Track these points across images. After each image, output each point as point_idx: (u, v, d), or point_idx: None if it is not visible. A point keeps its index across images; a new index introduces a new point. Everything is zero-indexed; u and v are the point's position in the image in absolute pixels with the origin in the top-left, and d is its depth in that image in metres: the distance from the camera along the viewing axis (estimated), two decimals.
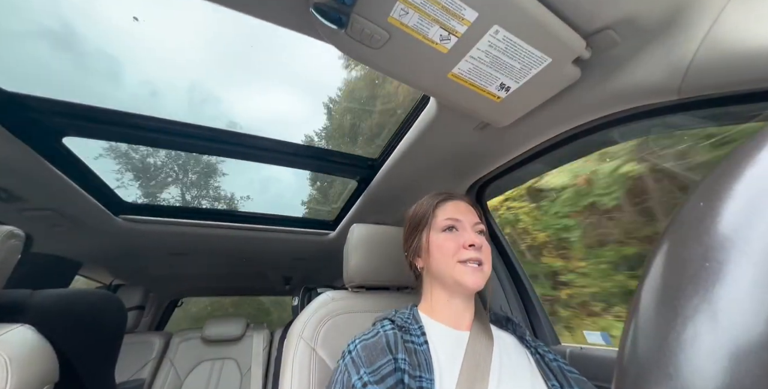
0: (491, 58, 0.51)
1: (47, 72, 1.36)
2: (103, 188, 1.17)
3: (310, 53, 1.72)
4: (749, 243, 0.13)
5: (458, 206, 0.65)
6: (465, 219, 0.62)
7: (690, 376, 0.12)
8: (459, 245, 0.59)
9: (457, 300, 0.61)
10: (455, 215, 0.62)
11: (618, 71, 0.55)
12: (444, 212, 0.63)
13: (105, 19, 1.69)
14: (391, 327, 0.56)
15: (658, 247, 0.17)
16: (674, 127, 0.65)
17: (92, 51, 1.85)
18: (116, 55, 1.85)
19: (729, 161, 0.17)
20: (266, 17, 0.52)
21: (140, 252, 1.65)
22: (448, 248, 0.59)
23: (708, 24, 0.43)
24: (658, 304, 0.15)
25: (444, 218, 0.63)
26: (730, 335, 0.12)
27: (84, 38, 1.78)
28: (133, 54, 1.85)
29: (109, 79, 1.71)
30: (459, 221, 0.62)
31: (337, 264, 0.84)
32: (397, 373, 0.47)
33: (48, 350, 0.65)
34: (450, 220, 0.62)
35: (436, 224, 0.63)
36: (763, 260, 0.13)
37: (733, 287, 0.13)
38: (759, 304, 0.12)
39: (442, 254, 0.60)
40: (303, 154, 1.09)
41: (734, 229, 0.14)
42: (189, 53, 2.38)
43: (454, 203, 0.66)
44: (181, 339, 2.00)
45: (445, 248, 0.60)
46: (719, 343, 0.12)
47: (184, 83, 2.23)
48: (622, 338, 0.16)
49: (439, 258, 0.60)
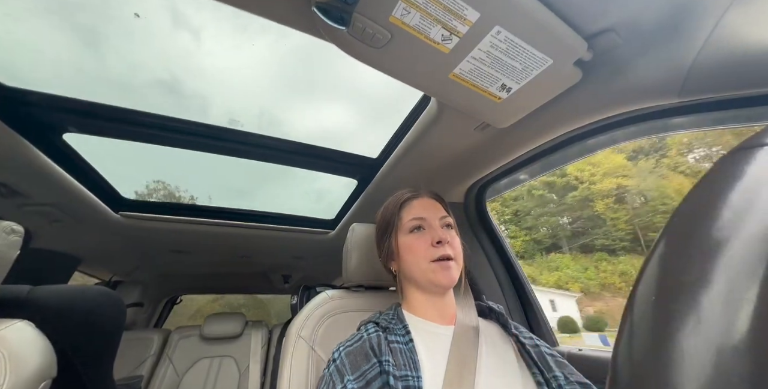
0: (492, 58, 0.51)
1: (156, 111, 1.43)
2: (104, 185, 1.17)
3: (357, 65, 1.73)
4: (727, 254, 0.15)
5: (423, 203, 0.65)
6: (430, 216, 0.62)
7: (679, 376, 0.13)
8: (428, 243, 0.59)
9: (436, 297, 0.61)
10: (420, 214, 0.63)
11: (619, 73, 0.55)
12: (409, 213, 0.64)
13: (200, 69, 1.81)
14: (374, 330, 0.56)
15: (651, 255, 0.18)
16: (675, 129, 0.65)
17: (190, 94, 1.98)
18: (206, 95, 1.93)
19: (714, 174, 0.18)
20: (269, 16, 0.52)
21: (139, 249, 1.65)
22: (418, 249, 0.59)
23: (710, 27, 0.43)
24: (650, 308, 0.16)
25: (409, 218, 0.63)
26: (713, 336, 0.13)
27: (184, 84, 1.91)
28: (218, 91, 1.93)
29: (199, 115, 1.77)
30: (424, 220, 0.62)
31: (336, 263, 0.84)
32: (383, 376, 0.47)
33: (46, 346, 0.65)
34: (415, 220, 0.62)
35: (403, 226, 0.63)
36: (737, 269, 0.14)
37: (713, 294, 0.14)
38: (734, 308, 0.13)
39: (413, 256, 0.60)
40: (303, 152, 1.09)
41: (715, 241, 0.15)
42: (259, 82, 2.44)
43: (419, 200, 0.66)
44: (180, 336, 2.00)
45: (414, 248, 0.60)
46: (704, 344, 0.13)
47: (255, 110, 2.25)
48: (617, 339, 0.17)
49: (410, 260, 0.60)
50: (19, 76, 0.74)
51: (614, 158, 17.48)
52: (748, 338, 0.12)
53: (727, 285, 0.14)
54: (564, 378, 0.51)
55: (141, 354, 1.84)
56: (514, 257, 1.11)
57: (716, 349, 0.13)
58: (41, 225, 1.20)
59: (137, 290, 1.97)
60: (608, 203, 17.42)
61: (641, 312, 0.16)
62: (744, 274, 0.14)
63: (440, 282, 0.57)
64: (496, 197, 1.19)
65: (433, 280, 0.57)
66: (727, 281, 0.14)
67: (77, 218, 1.22)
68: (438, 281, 0.57)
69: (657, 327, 0.15)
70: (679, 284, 0.15)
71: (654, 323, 0.15)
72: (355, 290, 0.80)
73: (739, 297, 0.13)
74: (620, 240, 17.30)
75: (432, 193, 0.69)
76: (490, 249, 1.12)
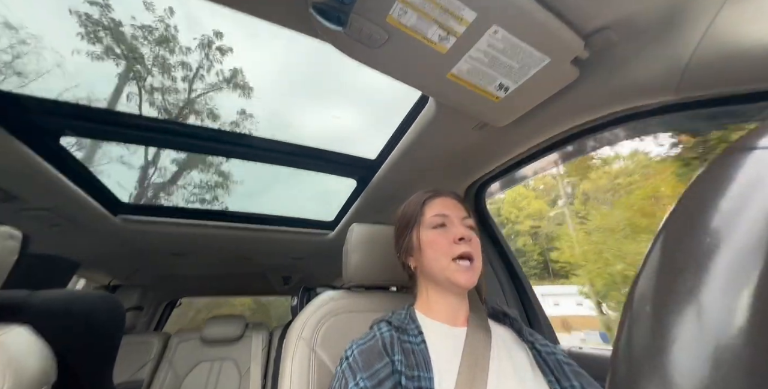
0: (490, 58, 0.51)
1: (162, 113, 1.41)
2: (102, 188, 1.17)
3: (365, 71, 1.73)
4: (724, 251, 0.15)
5: (446, 202, 0.65)
6: (453, 214, 0.62)
7: (678, 373, 0.13)
8: (450, 240, 0.59)
9: (452, 297, 0.61)
10: (443, 211, 0.63)
11: (616, 71, 0.55)
12: (432, 209, 0.64)
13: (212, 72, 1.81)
14: (387, 329, 0.56)
15: (650, 252, 0.18)
16: (672, 126, 0.65)
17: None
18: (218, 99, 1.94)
19: (712, 169, 0.18)
20: (266, 17, 0.52)
21: (138, 252, 1.64)
22: (440, 244, 0.59)
23: (705, 24, 0.43)
24: (649, 304, 0.16)
25: (432, 214, 0.63)
26: (711, 333, 0.13)
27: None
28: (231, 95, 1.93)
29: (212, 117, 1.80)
30: (447, 217, 0.62)
31: (336, 264, 0.84)
32: (395, 375, 0.47)
33: (45, 351, 0.65)
34: (439, 216, 0.62)
35: (426, 222, 0.63)
36: (734, 265, 0.14)
37: (711, 291, 0.14)
38: (732, 305, 0.13)
39: (434, 251, 0.60)
40: (302, 154, 1.09)
41: (712, 238, 0.15)
42: (271, 86, 2.42)
43: (442, 199, 0.66)
44: (180, 340, 1.99)
45: (436, 244, 0.59)
46: (704, 340, 0.13)
47: (265, 113, 2.26)
48: (616, 336, 0.17)
49: (431, 255, 0.60)
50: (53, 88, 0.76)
51: (535, 204, 22.80)
52: (746, 334, 0.12)
53: (724, 282, 0.14)
54: (581, 388, 0.51)
55: (141, 358, 1.83)
56: (513, 257, 1.11)
57: (714, 346, 0.13)
58: (39, 230, 1.20)
59: (136, 293, 1.96)
60: (525, 241, 22.35)
61: (640, 310, 0.16)
62: (742, 271, 0.14)
63: (459, 282, 0.56)
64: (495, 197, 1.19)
65: (451, 279, 0.57)
66: (725, 278, 0.14)
67: (75, 222, 1.21)
68: (457, 280, 0.56)
69: (656, 325, 0.15)
70: (677, 281, 0.15)
71: (653, 320, 0.15)
72: (356, 291, 0.80)
73: (737, 294, 0.13)
74: (533, 268, 21.97)
75: (454, 194, 0.69)
76: (490, 249, 1.12)
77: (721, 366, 0.12)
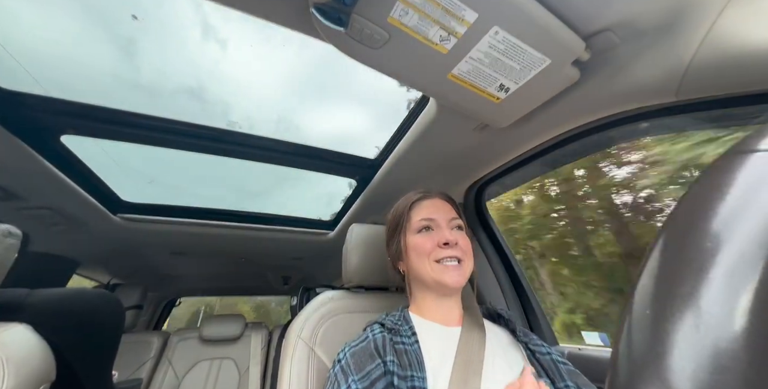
0: (491, 59, 0.51)
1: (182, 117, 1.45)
2: (102, 187, 1.17)
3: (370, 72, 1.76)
4: (724, 253, 0.15)
5: (434, 204, 0.65)
6: (440, 217, 0.62)
7: (677, 375, 0.13)
8: (435, 244, 0.59)
9: (443, 298, 0.61)
10: (429, 215, 0.63)
11: (617, 73, 0.55)
12: (418, 213, 0.64)
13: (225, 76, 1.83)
14: (380, 331, 0.56)
15: (650, 254, 0.18)
16: (673, 128, 0.65)
17: (214, 100, 2.00)
18: (230, 102, 1.96)
19: (712, 172, 0.18)
20: (267, 17, 0.52)
21: (138, 251, 1.65)
22: (424, 249, 0.59)
23: (706, 26, 0.43)
24: (649, 309, 0.16)
25: (418, 218, 0.63)
26: (712, 337, 0.13)
27: (209, 91, 1.94)
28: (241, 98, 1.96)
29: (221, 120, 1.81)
30: (433, 220, 0.62)
31: (336, 264, 0.84)
32: (387, 376, 0.47)
33: (45, 349, 0.65)
34: (424, 220, 0.62)
35: (412, 226, 0.63)
36: (734, 270, 0.14)
37: (711, 294, 0.14)
38: (731, 308, 0.13)
39: (418, 255, 0.60)
40: (302, 153, 1.09)
41: (712, 240, 0.15)
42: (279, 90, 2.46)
43: (430, 201, 0.65)
44: (179, 339, 1.99)
45: (420, 248, 0.60)
46: (703, 344, 0.13)
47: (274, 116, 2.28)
48: (616, 338, 0.17)
49: (416, 259, 0.60)
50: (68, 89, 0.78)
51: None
52: (746, 339, 0.12)
53: (724, 285, 0.14)
54: (576, 388, 0.51)
55: (140, 357, 1.84)
56: (513, 258, 1.11)
57: (714, 348, 0.13)
58: (39, 228, 1.20)
59: (136, 292, 1.96)
60: None
61: (640, 311, 0.16)
62: (741, 274, 0.14)
63: (446, 282, 0.56)
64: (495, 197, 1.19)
65: (438, 280, 0.57)
66: (725, 282, 0.14)
67: (75, 221, 1.21)
68: (444, 280, 0.56)
69: (655, 329, 0.15)
70: (677, 286, 0.15)
71: (652, 322, 0.15)
72: (356, 291, 0.80)
73: (736, 299, 0.13)
74: None
75: (444, 194, 0.69)
76: (490, 249, 1.12)
77: (720, 371, 0.12)
